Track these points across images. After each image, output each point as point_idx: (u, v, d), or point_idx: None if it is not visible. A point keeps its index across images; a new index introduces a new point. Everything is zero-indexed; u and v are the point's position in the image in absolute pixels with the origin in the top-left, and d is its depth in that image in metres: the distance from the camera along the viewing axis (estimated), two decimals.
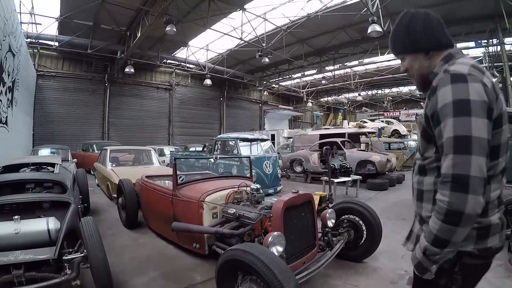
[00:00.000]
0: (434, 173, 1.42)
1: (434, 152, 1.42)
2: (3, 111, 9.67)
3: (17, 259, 2.98)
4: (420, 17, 1.50)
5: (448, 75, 1.30)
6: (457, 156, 1.20)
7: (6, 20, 8.99)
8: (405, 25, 1.54)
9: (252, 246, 2.68)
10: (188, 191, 4.45)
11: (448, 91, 1.26)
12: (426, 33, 1.48)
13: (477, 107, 1.21)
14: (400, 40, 1.57)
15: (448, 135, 1.23)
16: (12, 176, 4.58)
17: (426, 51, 1.50)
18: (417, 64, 1.55)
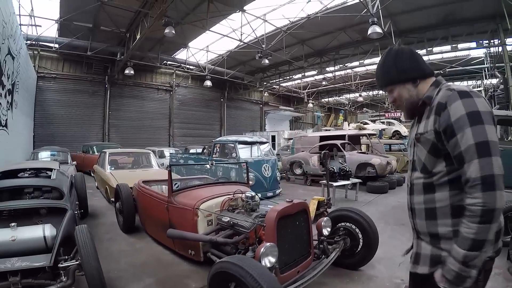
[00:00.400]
0: (445, 187, 1.49)
1: (445, 166, 1.49)
2: (3, 114, 9.70)
3: (14, 266, 3.01)
4: (405, 51, 1.68)
5: (455, 92, 1.44)
6: (481, 160, 1.31)
7: (5, 24, 9.01)
8: (392, 59, 1.69)
9: (242, 259, 2.68)
10: (183, 198, 4.45)
11: (459, 105, 1.39)
12: (412, 64, 1.65)
13: (486, 116, 1.37)
14: (388, 73, 1.70)
15: (468, 143, 1.34)
16: (9, 182, 4.59)
17: (414, 80, 1.65)
18: (406, 93, 1.67)
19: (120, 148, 14.64)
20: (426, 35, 16.76)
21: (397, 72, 1.66)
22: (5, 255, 3.10)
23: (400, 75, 1.66)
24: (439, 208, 1.50)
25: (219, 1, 14.06)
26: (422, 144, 1.57)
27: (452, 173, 1.47)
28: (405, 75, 1.65)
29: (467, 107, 1.37)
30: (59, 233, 3.43)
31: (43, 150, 12.84)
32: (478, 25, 15.33)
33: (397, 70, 1.66)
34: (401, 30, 16.88)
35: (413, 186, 1.65)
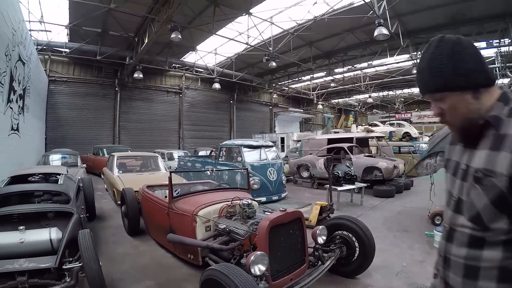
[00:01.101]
0: (498, 246, 1.13)
1: (508, 223, 1.11)
2: (14, 118, 10.03)
3: (22, 267, 3.24)
4: (466, 45, 1.20)
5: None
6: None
7: (14, 31, 9.32)
8: (448, 54, 1.19)
9: (228, 267, 2.81)
10: (183, 204, 4.59)
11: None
12: (477, 65, 1.17)
13: None
14: (440, 73, 1.20)
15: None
16: (19, 187, 4.81)
17: (476, 88, 1.18)
18: (463, 106, 1.21)
19: (130, 151, 14.96)
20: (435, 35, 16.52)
21: (454, 73, 1.18)
22: (14, 256, 3.33)
23: (457, 79, 1.18)
24: (484, 268, 1.16)
25: (225, 5, 14.19)
26: (484, 188, 1.16)
27: None
28: (465, 80, 1.17)
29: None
30: (64, 236, 3.65)
31: (54, 153, 13.17)
32: (488, 24, 15.14)
33: (454, 70, 1.18)
34: (409, 30, 16.77)
35: (454, 233, 1.28)
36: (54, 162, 12.20)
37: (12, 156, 9.83)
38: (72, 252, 3.62)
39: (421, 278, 4.17)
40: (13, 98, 9.66)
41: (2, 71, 8.29)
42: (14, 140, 10.04)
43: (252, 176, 9.06)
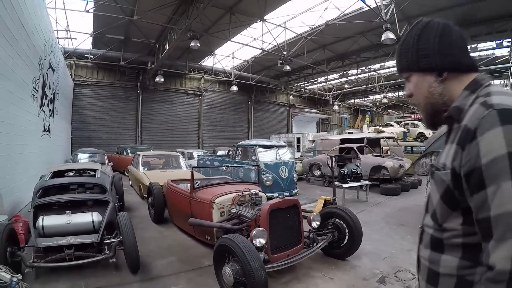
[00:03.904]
0: (457, 252, 1.04)
1: (462, 224, 1.03)
2: (46, 121, 11.18)
3: (69, 242, 4.18)
4: (436, 27, 1.14)
5: (494, 111, 0.92)
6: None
7: (46, 42, 10.41)
8: (415, 35, 1.17)
9: (235, 236, 3.67)
10: (202, 194, 5.47)
11: (498, 136, 0.88)
12: (441, 47, 1.11)
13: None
14: (406, 53, 1.20)
15: (504, 209, 0.85)
16: (66, 179, 5.80)
17: (439, 71, 1.13)
18: (425, 89, 1.17)
19: (152, 150, 15.92)
20: None
21: (417, 54, 1.16)
22: (62, 234, 4.29)
23: (420, 60, 1.15)
24: (443, 275, 1.07)
25: (240, 13, 15.02)
26: (435, 182, 1.12)
27: (471, 236, 1.00)
28: (426, 61, 1.14)
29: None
30: (104, 218, 4.57)
31: (82, 152, 14.24)
32: (497, 24, 15.34)
33: (418, 51, 1.16)
34: None
35: (423, 233, 1.22)
36: (83, 160, 13.29)
37: (44, 155, 10.99)
38: (109, 232, 4.56)
39: (405, 263, 4.80)
40: (45, 102, 10.79)
41: (36, 79, 9.33)
42: (45, 140, 11.18)
43: (265, 174, 9.88)
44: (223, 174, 10.04)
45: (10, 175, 6.95)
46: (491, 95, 0.99)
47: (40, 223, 4.25)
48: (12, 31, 6.79)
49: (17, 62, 7.30)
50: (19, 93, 7.70)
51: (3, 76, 6.44)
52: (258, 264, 3.28)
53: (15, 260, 3.87)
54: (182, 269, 4.63)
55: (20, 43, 7.42)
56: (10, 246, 3.87)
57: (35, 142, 9.68)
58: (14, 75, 7.15)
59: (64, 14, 15.53)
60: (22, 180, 7.82)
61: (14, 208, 6.86)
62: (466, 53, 1.14)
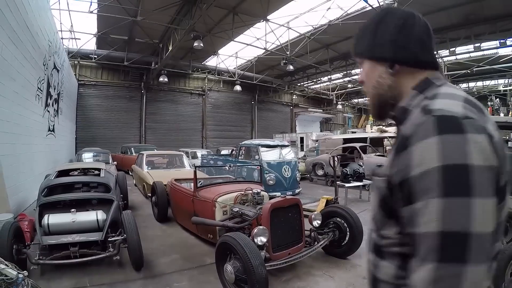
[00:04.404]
0: (394, 260, 0.96)
1: (398, 233, 0.94)
2: (51, 120, 11.30)
3: (74, 240, 4.26)
4: (398, 17, 1.04)
5: (432, 118, 0.80)
6: (443, 267, 0.72)
7: (50, 43, 10.52)
8: (376, 21, 1.08)
9: (237, 234, 3.72)
10: (205, 193, 5.53)
11: (432, 147, 0.76)
12: (398, 37, 1.01)
13: (482, 179, 0.73)
14: (363, 38, 1.12)
15: (429, 229, 0.75)
16: (71, 179, 5.87)
17: (391, 62, 1.03)
18: (374, 78, 1.08)
19: (156, 150, 16.01)
20: (449, 35, 16.81)
21: (373, 41, 1.07)
22: (67, 232, 4.37)
23: (373, 47, 1.07)
24: (382, 281, 1.00)
25: (243, 13, 15.08)
26: (374, 188, 1.04)
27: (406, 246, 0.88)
28: (379, 50, 1.05)
29: (447, 155, 0.74)
30: (108, 217, 4.65)
31: (87, 152, 14.33)
32: (501, 23, 15.20)
33: (374, 38, 1.06)
34: None
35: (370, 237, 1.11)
36: (87, 159, 13.35)
37: (49, 154, 11.11)
38: (113, 230, 4.64)
39: None
40: (49, 102, 10.90)
41: (41, 79, 9.43)
42: (50, 140, 11.31)
43: (268, 173, 9.93)
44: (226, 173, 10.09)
45: (16, 174, 7.04)
46: (435, 98, 0.88)
47: (45, 221, 4.33)
48: (17, 32, 6.88)
49: (22, 63, 7.40)
50: (24, 94, 7.79)
51: (8, 76, 6.54)
52: (258, 261, 3.33)
53: (21, 258, 3.95)
54: (185, 267, 4.69)
55: (25, 44, 7.52)
56: (16, 244, 3.95)
57: (40, 142, 9.79)
58: (19, 75, 7.24)
59: (68, 15, 15.66)
60: (28, 179, 7.92)
61: (20, 207, 6.96)
62: (427, 49, 1.02)
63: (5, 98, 6.40)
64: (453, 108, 0.81)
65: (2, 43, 6.06)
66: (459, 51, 19.05)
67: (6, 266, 3.06)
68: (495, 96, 23.62)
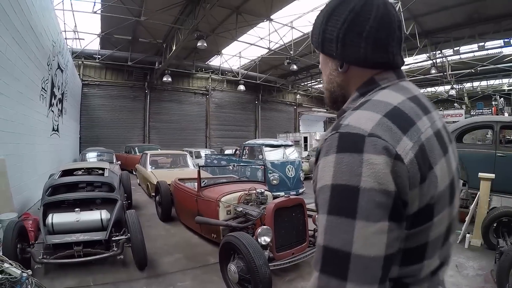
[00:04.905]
0: None
1: None
2: (55, 120, 11.35)
3: (78, 239, 4.27)
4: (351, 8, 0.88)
5: (336, 135, 0.76)
6: (323, 278, 0.71)
7: (54, 43, 10.57)
8: (328, 12, 0.94)
9: (241, 234, 3.70)
10: (209, 192, 5.52)
11: (329, 165, 0.75)
12: (346, 34, 0.88)
13: (369, 202, 0.69)
14: (314, 30, 1.00)
15: (318, 240, 0.75)
16: (75, 178, 5.90)
17: (340, 60, 0.93)
18: (326, 72, 1.01)
19: (160, 149, 16.02)
20: (453, 35, 16.72)
21: (323, 35, 0.94)
22: (71, 231, 4.37)
23: (324, 42, 0.95)
24: None
25: (246, 13, 15.10)
26: None
27: None
28: (329, 46, 0.93)
29: (337, 174, 0.72)
30: (112, 216, 4.65)
31: (91, 151, 14.39)
32: (505, 22, 15.12)
33: (324, 32, 0.94)
34: (426, 30, 17.01)
35: None
36: (91, 159, 13.39)
37: (53, 154, 11.16)
38: (117, 230, 4.65)
39: None
40: (54, 102, 10.94)
41: (45, 79, 9.47)
42: (54, 139, 11.36)
43: (272, 173, 9.90)
44: (230, 173, 10.08)
45: (20, 174, 7.07)
46: (356, 109, 0.82)
47: (49, 220, 4.34)
48: (21, 33, 6.91)
49: (26, 63, 7.43)
50: (28, 93, 7.82)
51: (13, 76, 6.56)
52: (262, 261, 3.32)
53: (25, 256, 3.98)
54: (188, 266, 4.69)
55: (29, 44, 7.55)
56: (20, 243, 3.97)
57: (44, 142, 9.83)
58: (23, 75, 7.27)
59: (72, 15, 15.77)
60: (31, 178, 7.96)
61: (24, 206, 6.99)
62: (383, 46, 0.88)
63: (9, 98, 6.42)
64: (361, 125, 0.75)
65: (6, 43, 6.09)
66: (463, 50, 18.95)
67: (10, 265, 3.07)
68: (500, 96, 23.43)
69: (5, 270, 2.97)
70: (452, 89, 25.34)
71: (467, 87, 29.92)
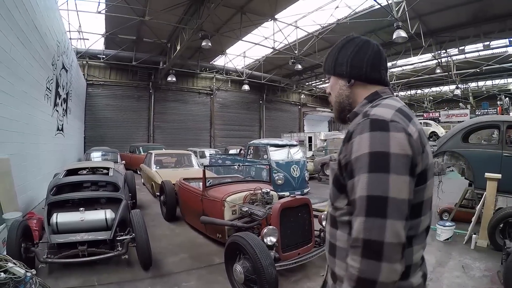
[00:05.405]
0: (346, 228, 1.21)
1: (346, 204, 1.20)
2: (60, 120, 11.37)
3: (83, 239, 4.23)
4: (355, 43, 1.36)
5: (368, 120, 1.10)
6: (369, 220, 1.00)
7: (59, 43, 10.57)
8: (339, 47, 1.41)
9: (247, 234, 3.66)
10: (214, 192, 5.48)
11: (365, 140, 1.06)
12: (353, 59, 1.33)
13: (397, 162, 1.03)
14: (329, 59, 1.44)
15: (360, 194, 1.04)
16: (80, 177, 5.87)
17: (348, 78, 1.35)
18: (336, 90, 1.42)
19: (164, 149, 16.00)
20: (458, 34, 16.64)
21: (335, 61, 1.40)
22: (76, 231, 4.34)
23: (336, 66, 1.40)
24: (339, 247, 1.24)
25: (251, 12, 15.06)
26: (330, 171, 1.33)
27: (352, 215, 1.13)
28: (340, 69, 1.37)
29: (373, 145, 1.05)
30: (117, 216, 4.62)
31: (95, 151, 14.37)
32: (511, 21, 15.00)
33: (337, 59, 1.39)
34: (431, 30, 16.94)
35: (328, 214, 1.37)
36: (95, 158, 13.36)
37: (58, 153, 11.18)
38: (121, 229, 4.61)
39: None
40: (58, 102, 10.96)
41: (50, 79, 9.47)
42: (59, 139, 11.38)
43: (277, 173, 9.85)
44: (234, 172, 10.04)
45: (24, 173, 7.07)
46: (376, 107, 1.19)
47: (54, 220, 4.32)
48: (26, 33, 6.90)
49: (31, 63, 7.42)
50: (33, 93, 7.82)
51: (17, 76, 6.55)
52: (268, 262, 3.28)
53: (29, 256, 3.95)
54: (193, 266, 4.65)
55: (33, 44, 7.55)
56: (24, 242, 3.94)
57: (49, 141, 9.83)
58: (28, 75, 7.26)
59: (77, 15, 15.80)
60: (36, 178, 7.95)
61: (28, 205, 6.98)
62: (376, 69, 1.33)
63: (14, 98, 6.41)
64: (384, 115, 1.11)
65: (11, 43, 6.08)
66: (468, 50, 18.83)
67: (14, 264, 3.05)
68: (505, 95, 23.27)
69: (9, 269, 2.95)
70: (457, 88, 25.21)
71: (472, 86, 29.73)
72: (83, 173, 6.60)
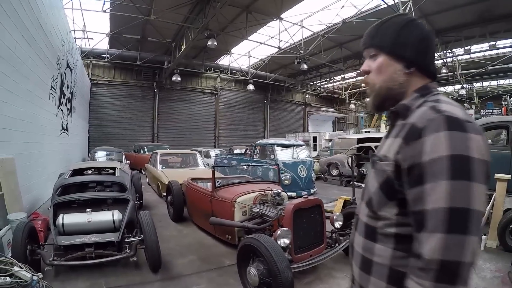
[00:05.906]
0: (389, 242, 1.06)
1: (396, 214, 1.05)
2: (64, 119, 11.33)
3: (90, 240, 4.11)
4: (421, 28, 1.17)
5: (442, 116, 0.94)
6: (450, 237, 0.86)
7: (63, 42, 10.53)
8: (400, 23, 1.18)
9: (261, 236, 3.53)
10: (224, 193, 5.36)
11: (442, 140, 0.91)
12: (420, 44, 1.14)
13: (479, 168, 0.89)
14: (384, 34, 1.19)
15: (438, 205, 0.88)
16: (86, 178, 5.74)
17: (409, 64, 1.14)
18: (388, 72, 1.17)
19: (169, 149, 15.93)
20: (463, 34, 16.51)
21: (396, 39, 1.16)
22: (83, 232, 4.22)
23: (396, 45, 1.15)
24: (376, 263, 1.09)
25: (256, 11, 14.97)
26: (376, 172, 1.12)
27: (404, 227, 1.02)
28: (402, 49, 1.14)
29: (455, 147, 0.89)
30: (124, 217, 4.50)
31: (100, 150, 14.28)
32: None
33: (398, 37, 1.15)
34: (437, 29, 16.74)
35: (359, 220, 1.22)
36: (100, 158, 13.29)
37: (62, 153, 11.14)
38: (129, 231, 4.50)
39: None
40: (63, 101, 10.92)
41: (55, 78, 9.42)
42: (64, 138, 11.36)
43: (284, 173, 9.72)
44: (241, 173, 9.93)
45: (29, 173, 6.99)
46: (440, 103, 1.03)
47: (60, 221, 4.20)
48: (31, 31, 6.83)
49: (35, 62, 7.35)
50: (38, 92, 7.75)
51: (22, 75, 6.48)
52: (285, 264, 3.15)
53: (35, 258, 3.83)
54: (203, 268, 4.53)
55: (38, 42, 7.48)
56: (30, 244, 3.83)
57: (54, 141, 9.78)
58: (32, 74, 7.19)
59: (81, 14, 15.75)
60: (41, 177, 7.88)
61: (33, 206, 6.91)
62: (434, 63, 1.22)
63: (18, 97, 6.33)
64: (457, 112, 0.96)
65: (16, 41, 6.00)
66: (474, 50, 18.68)
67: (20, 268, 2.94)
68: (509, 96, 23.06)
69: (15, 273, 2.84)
70: (462, 88, 25.02)
71: (477, 87, 29.52)
72: (88, 173, 6.50)
